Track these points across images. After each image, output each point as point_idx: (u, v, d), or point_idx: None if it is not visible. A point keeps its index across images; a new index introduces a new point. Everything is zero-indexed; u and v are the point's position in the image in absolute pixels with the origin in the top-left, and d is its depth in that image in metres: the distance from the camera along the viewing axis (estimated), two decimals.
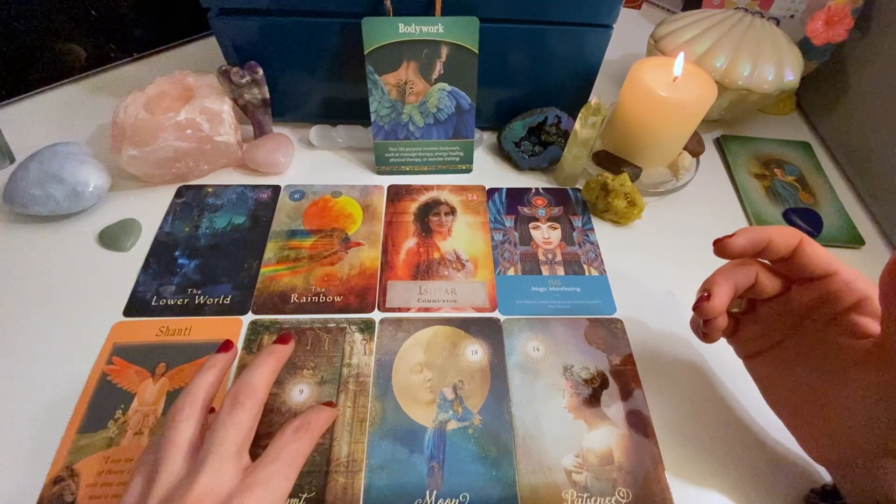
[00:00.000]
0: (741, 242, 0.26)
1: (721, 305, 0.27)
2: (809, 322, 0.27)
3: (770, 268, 0.28)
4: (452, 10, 0.40)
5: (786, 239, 0.26)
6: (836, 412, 0.26)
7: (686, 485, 0.31)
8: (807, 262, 0.26)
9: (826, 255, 0.26)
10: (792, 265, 0.26)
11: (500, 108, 0.49)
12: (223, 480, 0.23)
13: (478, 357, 0.35)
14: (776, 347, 0.29)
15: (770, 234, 0.26)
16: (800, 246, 0.26)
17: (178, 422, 0.25)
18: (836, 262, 0.26)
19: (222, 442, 0.24)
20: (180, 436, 0.24)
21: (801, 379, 0.27)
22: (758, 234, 0.26)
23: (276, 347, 0.29)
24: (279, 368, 0.28)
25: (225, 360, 0.28)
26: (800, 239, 0.26)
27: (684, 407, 0.34)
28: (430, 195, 0.46)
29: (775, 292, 0.28)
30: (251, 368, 0.27)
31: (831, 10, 0.47)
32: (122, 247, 0.40)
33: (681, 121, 0.42)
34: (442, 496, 0.30)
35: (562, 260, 0.41)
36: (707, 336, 0.29)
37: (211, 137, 0.42)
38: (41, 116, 0.50)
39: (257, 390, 0.26)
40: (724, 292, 0.27)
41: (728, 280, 0.27)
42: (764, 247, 0.26)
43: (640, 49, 0.58)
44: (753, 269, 0.27)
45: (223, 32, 0.43)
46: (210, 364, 0.28)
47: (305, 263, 0.40)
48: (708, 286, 0.28)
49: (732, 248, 0.27)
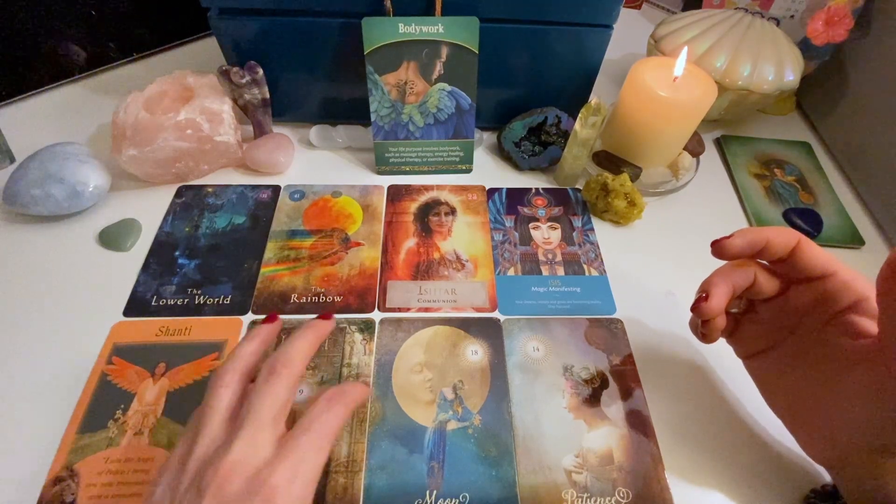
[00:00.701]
0: (739, 243, 0.27)
1: (719, 306, 0.27)
2: (808, 322, 0.27)
3: (768, 268, 0.28)
4: (452, 10, 0.40)
5: (784, 240, 0.26)
6: (835, 412, 0.26)
7: (686, 485, 0.31)
8: (805, 263, 0.26)
9: (824, 255, 0.26)
10: (790, 266, 0.27)
11: (500, 108, 0.49)
12: (257, 449, 0.23)
13: (478, 357, 0.36)
14: (775, 348, 0.29)
15: (768, 235, 0.26)
16: (797, 247, 0.26)
17: (218, 388, 0.25)
18: (835, 262, 0.26)
19: (258, 410, 0.24)
20: (220, 402, 0.25)
21: (800, 379, 0.28)
22: (755, 235, 0.26)
23: (317, 322, 0.29)
24: (318, 343, 0.28)
25: (268, 331, 0.29)
26: (797, 240, 0.26)
27: (684, 407, 0.34)
28: (430, 195, 0.46)
29: (774, 293, 0.28)
30: (290, 341, 0.27)
31: (831, 10, 0.47)
32: (122, 247, 0.40)
33: (681, 121, 0.42)
34: (442, 496, 0.30)
35: (562, 260, 0.41)
36: (706, 337, 0.29)
37: (211, 137, 0.42)
38: (41, 116, 0.50)
39: (295, 361, 0.26)
40: (722, 293, 0.27)
41: (726, 281, 0.27)
42: (762, 248, 0.26)
43: (640, 49, 0.58)
44: (752, 270, 0.28)
45: (223, 32, 0.43)
46: (253, 334, 0.28)
47: (305, 263, 0.40)
48: (706, 287, 0.28)
49: (730, 250, 0.27)
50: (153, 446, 0.31)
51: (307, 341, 0.27)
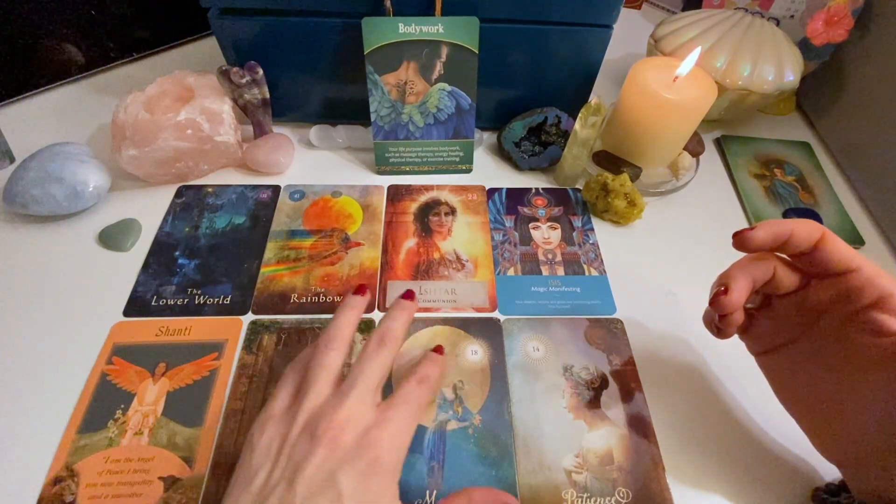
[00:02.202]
0: (762, 235, 0.25)
1: (739, 300, 0.26)
2: (827, 318, 0.26)
3: (788, 262, 0.27)
4: (452, 10, 0.40)
5: (807, 233, 0.25)
6: (853, 411, 0.25)
7: (686, 485, 0.31)
8: (828, 257, 0.25)
9: (848, 250, 0.25)
10: (812, 260, 0.25)
11: (500, 108, 0.49)
12: (365, 409, 0.25)
13: (477, 357, 0.35)
14: (791, 344, 0.28)
15: (791, 228, 0.25)
16: (821, 240, 0.25)
17: (329, 349, 0.26)
18: (859, 257, 0.25)
19: (368, 375, 0.26)
20: (331, 362, 0.26)
21: (817, 377, 0.27)
22: (779, 227, 0.25)
23: (407, 303, 0.30)
24: (410, 323, 0.30)
25: (363, 301, 0.30)
26: (822, 233, 0.25)
27: (684, 407, 0.34)
28: (430, 195, 0.46)
29: (793, 287, 0.27)
30: (389, 317, 0.29)
31: (831, 11, 0.47)
32: (122, 247, 0.40)
33: (681, 121, 0.42)
34: (442, 496, 0.30)
35: (562, 260, 0.41)
36: (721, 332, 0.28)
37: (211, 137, 0.42)
38: (41, 116, 0.50)
39: (398, 335, 0.28)
40: (742, 287, 0.26)
41: (746, 274, 0.26)
42: (785, 240, 0.25)
43: (640, 49, 0.58)
44: (771, 264, 0.27)
45: (223, 32, 0.43)
46: (350, 304, 0.29)
47: (305, 263, 0.40)
48: (725, 280, 0.27)
49: (753, 241, 0.26)
50: (153, 446, 0.31)
51: (405, 320, 0.29)
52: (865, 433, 0.25)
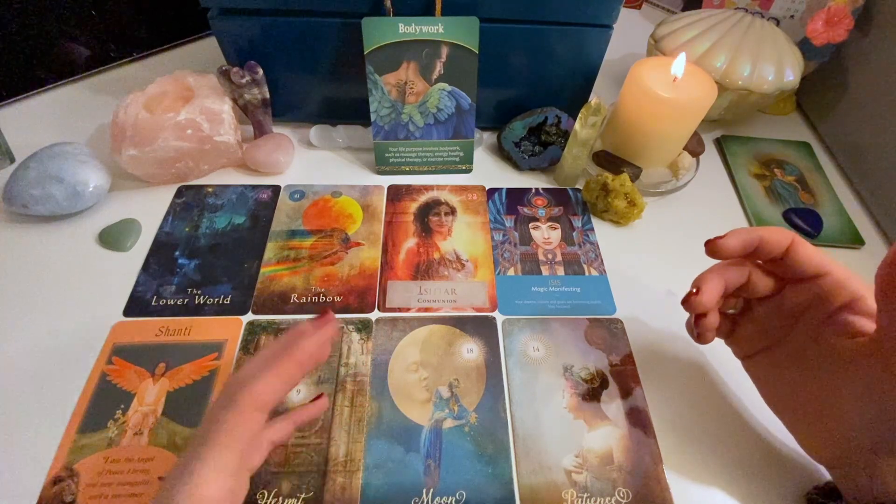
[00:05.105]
0: (732, 243, 0.27)
1: (709, 301, 0.27)
2: (804, 322, 0.27)
3: (763, 267, 0.28)
4: (452, 10, 0.40)
5: (777, 239, 0.26)
6: (833, 411, 0.26)
7: (686, 485, 0.31)
8: (799, 262, 0.26)
9: (818, 255, 0.26)
10: (785, 265, 0.27)
11: (500, 108, 0.49)
12: None
13: (473, 355, 0.35)
14: (773, 347, 0.29)
15: (761, 234, 0.26)
16: (791, 246, 0.26)
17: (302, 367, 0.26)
18: (829, 261, 0.26)
19: None
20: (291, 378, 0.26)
21: (798, 378, 0.28)
22: (749, 234, 0.26)
23: None
24: None
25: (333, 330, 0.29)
26: (791, 239, 0.26)
27: (684, 406, 0.34)
28: (430, 195, 0.46)
29: (769, 292, 0.28)
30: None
31: (831, 11, 0.47)
32: (122, 247, 0.40)
33: (681, 121, 0.42)
34: (438, 494, 0.30)
35: (562, 260, 0.41)
36: (700, 336, 0.29)
37: (211, 137, 0.42)
38: (41, 116, 0.50)
39: None
40: (713, 288, 0.27)
41: (718, 276, 0.28)
42: (756, 247, 0.26)
43: (640, 49, 0.58)
44: (746, 269, 0.28)
45: (223, 32, 0.43)
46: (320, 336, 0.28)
47: (305, 263, 0.40)
48: (697, 283, 0.28)
49: (724, 249, 0.27)
50: (153, 446, 0.31)
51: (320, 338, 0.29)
52: (847, 433, 0.25)
